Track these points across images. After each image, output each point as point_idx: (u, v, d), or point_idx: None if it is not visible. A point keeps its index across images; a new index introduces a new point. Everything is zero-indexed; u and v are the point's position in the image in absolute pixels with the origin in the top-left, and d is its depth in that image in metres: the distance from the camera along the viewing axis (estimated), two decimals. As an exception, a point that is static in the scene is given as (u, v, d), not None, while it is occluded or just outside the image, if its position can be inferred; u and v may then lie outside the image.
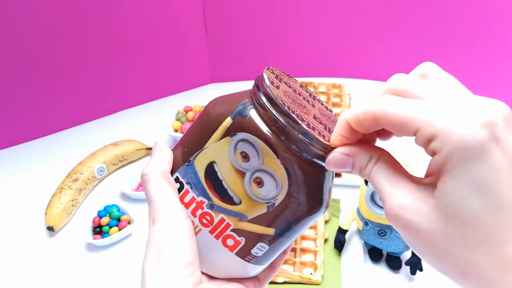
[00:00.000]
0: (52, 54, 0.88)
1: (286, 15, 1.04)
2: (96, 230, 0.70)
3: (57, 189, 0.75)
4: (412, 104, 0.19)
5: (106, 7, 0.90)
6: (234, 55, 1.12)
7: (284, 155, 0.24)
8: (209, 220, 0.26)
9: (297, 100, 0.26)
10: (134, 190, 0.79)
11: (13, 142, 0.94)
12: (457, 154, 0.17)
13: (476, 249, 0.18)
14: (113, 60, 0.97)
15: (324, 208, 0.26)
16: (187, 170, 0.27)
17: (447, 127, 0.17)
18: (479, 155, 0.17)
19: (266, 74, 0.26)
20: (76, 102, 0.97)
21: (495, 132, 0.17)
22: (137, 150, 0.87)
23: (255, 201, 0.25)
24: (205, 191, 0.26)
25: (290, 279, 0.62)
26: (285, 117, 0.23)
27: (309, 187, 0.25)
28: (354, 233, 0.69)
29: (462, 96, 0.19)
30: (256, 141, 0.24)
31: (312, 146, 0.23)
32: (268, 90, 0.24)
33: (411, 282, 0.62)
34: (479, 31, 0.96)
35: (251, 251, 0.27)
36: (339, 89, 1.00)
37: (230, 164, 0.25)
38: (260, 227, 0.26)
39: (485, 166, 0.17)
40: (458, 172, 0.18)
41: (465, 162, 0.17)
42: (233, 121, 0.25)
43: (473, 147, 0.17)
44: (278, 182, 0.24)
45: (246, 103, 0.25)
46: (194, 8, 1.02)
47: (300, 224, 0.26)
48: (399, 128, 0.19)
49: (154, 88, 1.07)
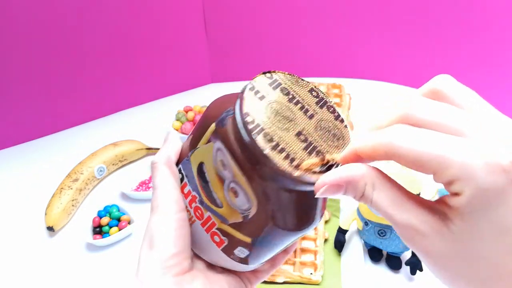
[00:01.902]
0: (51, 54, 0.88)
1: (286, 15, 1.05)
2: (96, 230, 0.70)
3: (57, 189, 0.75)
4: (428, 141, 0.18)
5: (106, 7, 0.90)
6: (234, 55, 1.12)
7: (250, 175, 0.23)
8: (200, 214, 0.27)
9: (283, 113, 0.23)
10: (134, 190, 0.79)
11: (13, 142, 0.94)
12: (478, 198, 0.17)
13: (491, 285, 0.18)
14: (113, 60, 0.97)
15: (305, 228, 0.25)
16: (186, 164, 0.28)
17: (466, 172, 0.17)
18: (500, 200, 0.17)
19: (256, 82, 0.24)
20: (76, 102, 0.97)
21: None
22: (137, 150, 0.87)
23: (233, 209, 0.25)
24: (197, 187, 0.27)
25: (290, 279, 0.62)
26: (250, 139, 0.22)
27: (280, 208, 0.24)
28: (354, 233, 0.69)
29: (483, 128, 0.18)
30: (227, 154, 0.24)
31: (277, 174, 0.22)
32: (238, 107, 0.22)
33: (411, 282, 0.62)
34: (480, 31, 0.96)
35: (233, 251, 0.27)
36: (339, 89, 1.01)
37: (214, 168, 0.25)
38: (238, 233, 0.26)
39: (505, 211, 0.17)
40: (478, 214, 0.17)
41: (485, 206, 0.17)
42: (215, 127, 0.25)
43: (494, 194, 0.17)
44: (248, 197, 0.24)
45: (229, 111, 0.25)
46: (194, 8, 1.02)
47: (277, 239, 0.25)
48: (413, 166, 0.18)
49: (154, 88, 1.07)
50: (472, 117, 0.18)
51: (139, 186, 0.80)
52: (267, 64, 1.13)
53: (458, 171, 0.17)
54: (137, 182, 0.81)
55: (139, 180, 0.81)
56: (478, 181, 0.17)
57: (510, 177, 0.17)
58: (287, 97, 0.24)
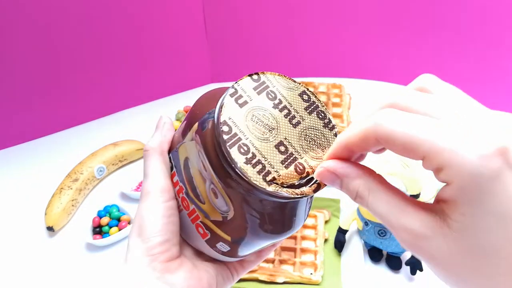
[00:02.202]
0: (52, 54, 0.88)
1: (286, 15, 1.04)
2: (96, 230, 0.70)
3: (57, 189, 0.75)
4: (418, 123, 0.17)
5: (106, 7, 0.90)
6: (235, 55, 1.12)
7: (226, 182, 0.23)
8: (186, 205, 0.27)
9: (266, 121, 0.22)
10: (134, 190, 0.79)
11: (13, 142, 0.94)
12: (471, 186, 0.16)
13: (501, 280, 0.18)
14: (113, 60, 0.97)
15: (285, 233, 0.25)
16: (175, 155, 0.28)
17: (457, 157, 0.16)
18: (495, 185, 0.16)
19: (240, 85, 0.23)
20: (76, 102, 0.97)
21: (508, 159, 0.16)
22: (137, 150, 0.87)
23: (214, 208, 0.25)
24: (183, 179, 0.27)
25: (290, 279, 0.62)
26: (224, 150, 0.21)
27: (257, 215, 0.24)
28: (354, 233, 0.69)
29: (471, 115, 0.18)
30: (205, 158, 0.23)
31: (245, 183, 0.21)
32: (216, 114, 0.22)
33: (411, 282, 0.62)
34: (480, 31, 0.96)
35: (216, 245, 0.27)
36: (339, 89, 1.01)
37: (197, 167, 0.25)
38: (219, 230, 0.26)
39: (503, 196, 0.16)
40: (476, 204, 0.17)
41: (481, 194, 0.16)
42: (197, 128, 0.24)
43: (488, 179, 0.16)
44: (225, 201, 0.24)
45: (211, 113, 0.24)
46: (194, 8, 1.02)
47: (255, 241, 0.25)
48: (403, 151, 0.18)
49: (154, 88, 1.07)
50: (459, 107, 0.18)
51: (139, 186, 0.80)
52: (267, 64, 1.13)
53: (447, 157, 0.16)
54: (137, 182, 0.81)
55: (139, 180, 0.81)
56: (469, 166, 0.16)
57: (505, 159, 0.16)
58: (273, 102, 0.23)
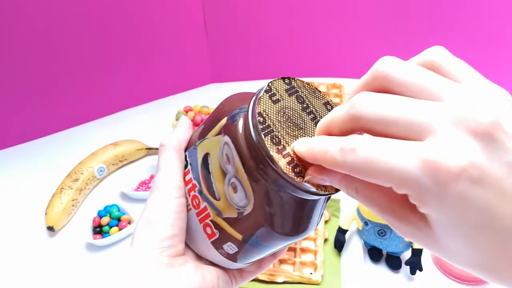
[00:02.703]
0: (52, 54, 0.88)
1: (286, 15, 1.05)
2: (96, 230, 0.71)
3: (57, 189, 0.75)
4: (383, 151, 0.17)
5: (106, 7, 0.90)
6: (235, 55, 1.12)
7: (252, 173, 0.23)
8: (197, 203, 0.27)
9: (295, 120, 0.24)
10: (134, 190, 0.79)
11: (13, 142, 0.94)
12: (439, 212, 0.17)
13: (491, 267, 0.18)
14: (113, 60, 0.97)
15: (298, 235, 0.25)
16: (193, 152, 0.28)
17: (420, 190, 0.16)
18: (461, 206, 0.16)
19: (274, 84, 0.24)
20: (76, 102, 0.97)
21: (471, 176, 0.16)
22: (137, 150, 0.87)
23: (230, 203, 0.25)
24: (199, 176, 0.27)
25: (290, 279, 0.62)
26: (258, 138, 0.22)
27: (276, 211, 0.24)
28: (354, 233, 0.69)
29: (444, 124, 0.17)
30: (232, 149, 0.24)
31: (278, 176, 0.22)
32: (251, 106, 0.23)
33: (411, 282, 0.62)
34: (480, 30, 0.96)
35: (223, 246, 0.27)
36: (339, 89, 1.01)
37: (218, 161, 0.25)
38: (231, 228, 0.26)
39: (472, 213, 0.16)
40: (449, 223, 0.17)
41: (451, 216, 0.17)
42: (226, 122, 0.25)
43: (452, 203, 0.16)
44: (247, 195, 0.24)
45: (242, 108, 0.25)
46: (194, 8, 1.02)
47: (267, 241, 0.25)
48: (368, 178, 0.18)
49: (154, 88, 1.07)
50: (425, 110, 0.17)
51: (139, 186, 0.80)
52: (267, 64, 1.13)
53: (409, 187, 0.17)
54: (137, 182, 0.81)
55: (139, 180, 0.81)
56: (431, 194, 0.16)
57: (463, 182, 0.16)
58: (301, 105, 0.24)
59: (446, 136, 0.16)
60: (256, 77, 1.15)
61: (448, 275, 0.63)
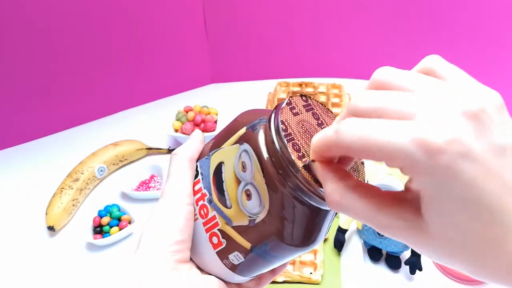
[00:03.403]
0: (52, 54, 0.88)
1: (286, 15, 1.05)
2: (96, 229, 0.71)
3: (58, 189, 0.75)
4: (370, 130, 0.18)
5: (106, 7, 0.90)
6: (235, 55, 1.12)
7: (270, 179, 0.24)
8: (205, 212, 0.28)
9: (311, 133, 0.25)
10: (135, 190, 0.79)
11: (13, 142, 0.94)
12: (428, 183, 0.18)
13: (479, 254, 0.19)
14: (113, 60, 0.97)
15: (307, 246, 0.26)
16: (205, 162, 0.29)
17: (408, 160, 0.17)
18: (449, 178, 0.17)
19: (294, 99, 0.26)
20: (77, 102, 0.97)
21: (459, 149, 0.17)
22: (137, 150, 0.87)
23: (241, 211, 0.26)
24: (210, 185, 0.27)
25: (290, 279, 0.62)
26: (281, 144, 0.23)
27: (289, 219, 0.25)
28: (353, 233, 0.69)
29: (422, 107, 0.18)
30: (252, 155, 0.25)
31: (297, 181, 0.23)
32: (274, 115, 0.24)
33: (410, 282, 0.63)
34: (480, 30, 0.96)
35: (228, 256, 0.27)
36: (339, 89, 1.01)
37: (233, 169, 0.26)
38: (240, 237, 0.26)
39: (459, 186, 0.17)
40: (436, 197, 0.18)
41: (439, 188, 0.17)
42: (246, 131, 0.26)
43: (441, 174, 0.17)
44: (262, 201, 0.25)
45: (262, 119, 0.26)
46: (194, 8, 1.02)
47: (275, 251, 0.26)
48: (364, 157, 0.19)
49: (154, 88, 1.07)
50: (409, 98, 0.18)
51: (139, 186, 0.80)
52: (267, 64, 1.13)
53: (401, 160, 0.17)
54: (138, 182, 0.81)
55: (139, 180, 0.81)
56: (420, 165, 0.17)
57: (451, 154, 0.17)
58: (317, 121, 0.26)
59: (436, 114, 0.17)
60: (256, 77, 1.15)
61: (448, 275, 0.63)
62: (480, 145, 0.17)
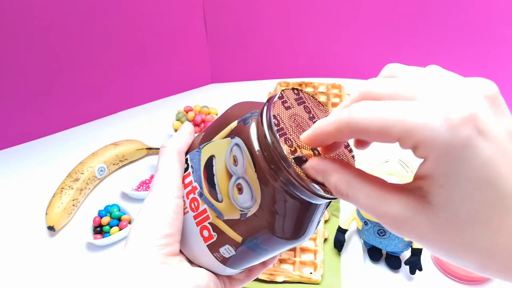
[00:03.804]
0: (52, 54, 0.89)
1: (286, 16, 1.05)
2: (96, 229, 0.71)
3: (58, 189, 0.75)
4: (388, 108, 0.18)
5: (106, 7, 0.90)
6: (234, 55, 1.12)
7: (262, 173, 0.24)
8: (196, 206, 0.28)
9: (303, 127, 0.25)
10: (135, 190, 0.79)
11: (13, 142, 0.94)
12: (444, 157, 0.17)
13: (487, 244, 0.18)
14: (113, 60, 0.97)
15: (297, 239, 0.26)
16: (195, 155, 0.28)
17: (427, 131, 0.17)
18: (467, 153, 0.17)
19: (285, 92, 0.26)
20: (77, 102, 0.97)
21: (477, 125, 0.17)
22: (137, 150, 0.87)
23: (233, 205, 0.26)
24: (200, 179, 0.27)
25: (289, 279, 0.62)
26: (273, 139, 0.23)
27: (280, 213, 0.25)
28: (353, 233, 0.69)
29: (439, 87, 0.18)
30: (244, 149, 0.25)
31: (289, 176, 0.23)
32: (266, 109, 0.24)
33: (410, 282, 0.63)
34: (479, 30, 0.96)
35: (219, 249, 0.27)
36: (339, 89, 1.01)
37: (224, 163, 0.26)
38: (231, 230, 0.26)
39: (475, 163, 0.17)
40: (451, 174, 0.17)
41: (455, 164, 0.17)
42: (237, 124, 0.26)
43: (459, 148, 0.17)
44: (253, 195, 0.25)
45: (254, 112, 0.26)
46: (194, 8, 1.02)
47: (266, 244, 0.26)
48: (378, 137, 0.18)
49: (154, 88, 1.08)
50: (427, 82, 0.19)
51: (139, 185, 0.80)
52: (267, 64, 1.13)
53: (420, 134, 0.17)
54: (138, 181, 0.81)
55: (139, 180, 0.81)
56: (440, 139, 0.17)
57: (473, 127, 0.17)
58: (308, 115, 0.26)
59: (455, 95, 0.18)
60: (256, 77, 1.15)
61: (448, 275, 0.63)
62: (497, 126, 0.17)
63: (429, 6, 0.97)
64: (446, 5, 0.96)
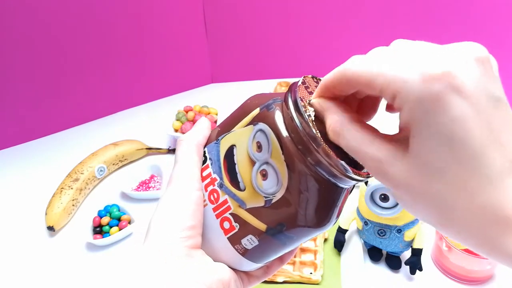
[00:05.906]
0: (52, 54, 0.88)
1: (286, 16, 1.05)
2: (96, 230, 0.71)
3: (58, 189, 0.75)
4: (373, 61, 0.20)
5: (107, 7, 0.90)
6: (234, 55, 1.12)
7: (290, 156, 0.24)
8: (215, 197, 0.27)
9: None
10: (135, 190, 0.79)
11: (13, 142, 0.94)
12: (417, 109, 0.18)
13: (449, 199, 0.18)
14: (113, 61, 0.97)
15: (323, 226, 0.26)
16: (213, 147, 0.28)
17: (404, 83, 0.18)
18: (438, 108, 0.17)
19: (306, 79, 0.26)
20: (77, 102, 0.97)
21: (452, 82, 0.17)
22: (137, 150, 0.87)
23: (256, 192, 0.25)
24: (220, 169, 0.27)
25: (290, 279, 0.62)
26: (301, 120, 0.23)
27: (307, 196, 0.24)
28: (353, 233, 0.69)
29: (426, 49, 0.19)
30: (269, 133, 0.25)
31: (318, 155, 0.23)
32: (291, 92, 0.24)
33: (410, 282, 0.63)
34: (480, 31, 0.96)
35: (241, 240, 0.27)
36: (339, 89, 1.01)
37: (246, 150, 0.26)
38: (254, 219, 0.26)
39: (446, 118, 0.17)
40: (422, 126, 0.18)
41: (426, 117, 0.18)
42: (260, 111, 0.26)
43: (431, 101, 0.17)
44: (279, 179, 0.24)
45: (276, 99, 0.26)
46: (194, 8, 1.02)
47: (291, 232, 0.26)
48: (367, 89, 0.20)
49: (154, 88, 1.08)
50: (415, 45, 0.20)
51: (139, 186, 0.80)
52: (267, 64, 1.13)
53: (398, 85, 0.18)
54: (138, 182, 0.81)
55: (139, 180, 0.81)
56: (413, 91, 0.18)
57: (447, 83, 0.17)
58: None
59: (441, 52, 0.18)
60: (256, 77, 1.15)
61: (448, 275, 0.63)
62: (477, 86, 0.18)
63: (429, 6, 0.97)
64: (447, 5, 0.96)
